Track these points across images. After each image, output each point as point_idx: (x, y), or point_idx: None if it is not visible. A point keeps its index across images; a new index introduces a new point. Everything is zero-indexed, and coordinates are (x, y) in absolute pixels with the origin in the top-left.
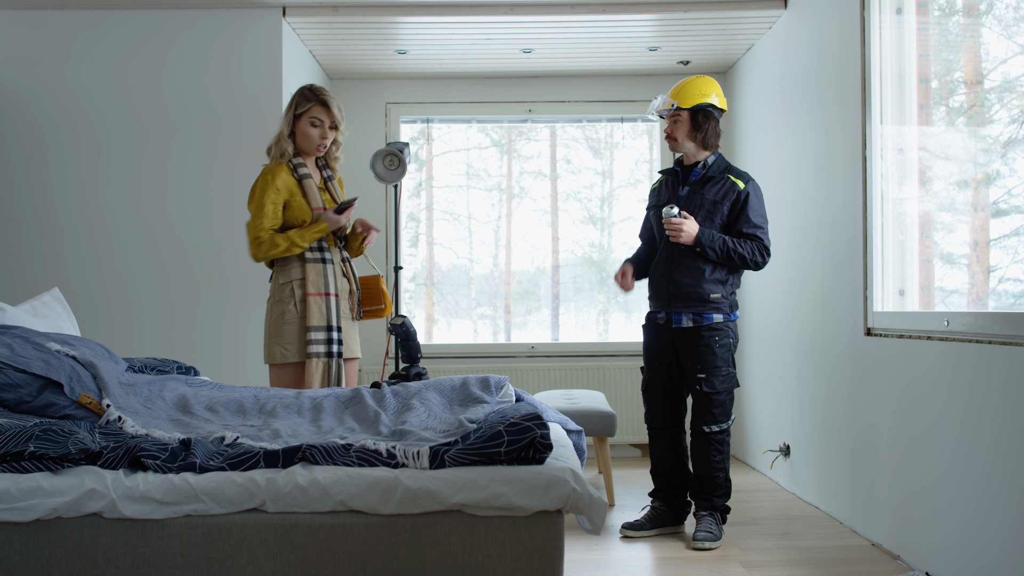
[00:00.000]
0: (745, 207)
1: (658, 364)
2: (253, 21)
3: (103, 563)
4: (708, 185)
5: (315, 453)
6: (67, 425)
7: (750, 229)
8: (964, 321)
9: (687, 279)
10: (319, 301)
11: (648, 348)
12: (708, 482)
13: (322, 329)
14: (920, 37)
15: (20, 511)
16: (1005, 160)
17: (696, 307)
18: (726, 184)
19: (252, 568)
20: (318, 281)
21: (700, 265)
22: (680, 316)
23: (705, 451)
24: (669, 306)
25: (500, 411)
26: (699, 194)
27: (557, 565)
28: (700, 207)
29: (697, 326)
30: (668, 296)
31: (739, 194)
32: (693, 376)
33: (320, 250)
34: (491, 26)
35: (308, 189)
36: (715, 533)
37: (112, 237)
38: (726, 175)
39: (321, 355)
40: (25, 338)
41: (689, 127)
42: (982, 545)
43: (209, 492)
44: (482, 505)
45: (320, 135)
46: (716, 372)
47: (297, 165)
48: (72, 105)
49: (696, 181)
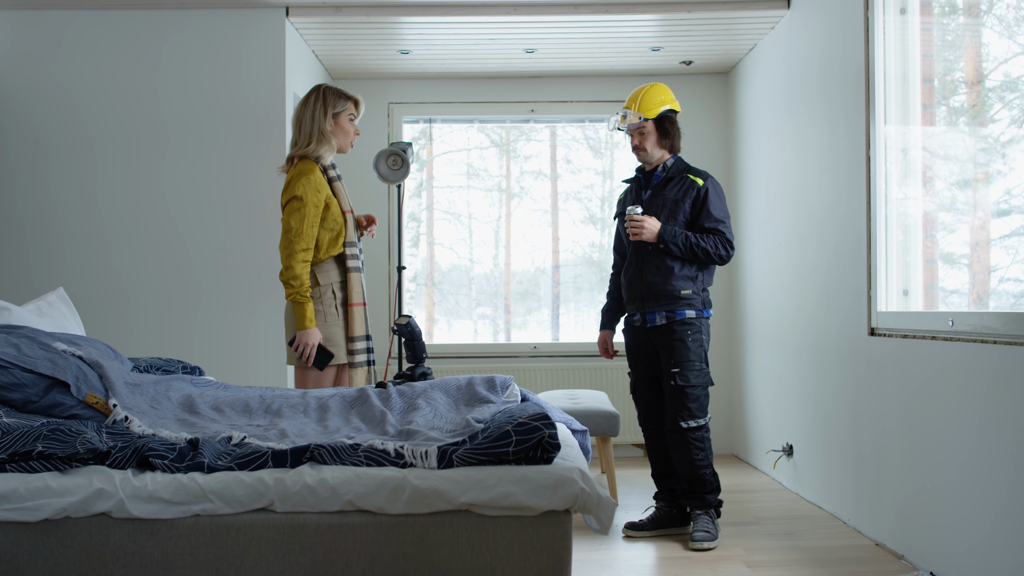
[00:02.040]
0: (705, 203)
1: (641, 364)
2: (256, 21)
3: (111, 563)
4: (669, 185)
5: (323, 453)
6: (75, 425)
7: (711, 224)
8: (969, 321)
9: (657, 278)
10: (361, 311)
11: (630, 350)
12: (696, 481)
13: (363, 339)
14: (924, 37)
15: (29, 511)
16: (1005, 160)
17: (668, 304)
18: (686, 183)
19: (261, 568)
20: (359, 291)
21: (668, 263)
22: (654, 315)
23: (686, 451)
24: (643, 307)
25: (507, 411)
26: (660, 195)
27: (565, 565)
28: (662, 207)
29: (670, 322)
30: (641, 297)
31: (699, 191)
32: (667, 372)
33: (357, 258)
34: (494, 26)
35: (338, 192)
36: (712, 532)
37: (115, 237)
38: (685, 175)
39: (364, 364)
40: (31, 338)
41: (657, 135)
42: (987, 545)
43: (217, 492)
44: (490, 505)
45: (355, 131)
46: (690, 366)
47: (326, 168)
48: (75, 105)
49: (658, 184)
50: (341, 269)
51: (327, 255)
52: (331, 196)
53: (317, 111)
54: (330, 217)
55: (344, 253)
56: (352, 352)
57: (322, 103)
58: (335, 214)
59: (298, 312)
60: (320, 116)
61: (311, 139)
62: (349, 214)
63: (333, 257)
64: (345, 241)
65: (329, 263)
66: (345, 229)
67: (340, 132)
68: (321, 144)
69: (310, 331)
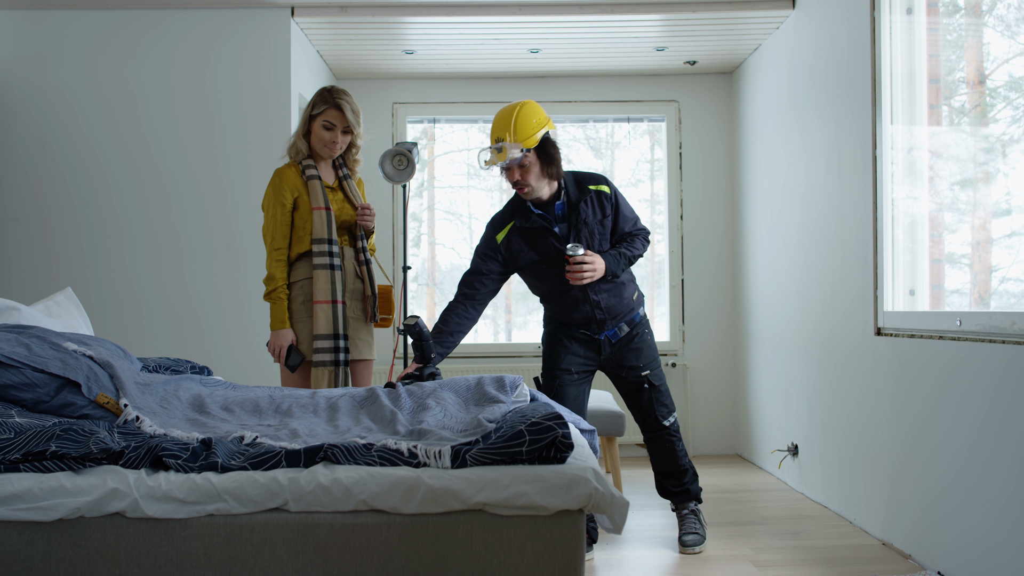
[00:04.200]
0: (618, 208)
1: (575, 368)
2: (261, 21)
3: (125, 562)
4: (581, 209)
5: (336, 452)
6: (87, 425)
7: (631, 227)
8: (977, 321)
9: (614, 301)
10: (326, 309)
11: (564, 355)
12: (679, 472)
13: (329, 337)
14: (931, 37)
15: (43, 510)
16: (1006, 160)
17: (627, 316)
18: (594, 197)
19: (274, 567)
20: (325, 288)
21: (617, 283)
22: (614, 330)
23: (669, 446)
24: (599, 327)
25: (519, 410)
26: (579, 222)
27: (579, 564)
28: (591, 235)
29: (631, 328)
30: (597, 320)
31: (610, 199)
32: (638, 376)
33: (329, 255)
34: (499, 26)
35: (312, 189)
36: (701, 533)
37: (121, 237)
38: (587, 188)
39: (327, 363)
40: (42, 338)
41: (540, 165)
42: (994, 544)
43: (231, 491)
44: (504, 504)
45: (331, 138)
46: (656, 364)
47: (306, 166)
48: (81, 105)
49: (567, 213)
50: (310, 270)
51: (295, 253)
52: (303, 194)
53: (306, 110)
54: (299, 216)
55: (311, 250)
56: (315, 350)
57: (311, 104)
58: (303, 212)
59: (271, 312)
60: (305, 115)
61: (293, 136)
62: (318, 211)
63: (302, 255)
64: (312, 239)
65: (299, 261)
66: (312, 227)
67: (313, 135)
68: (295, 143)
69: (279, 332)
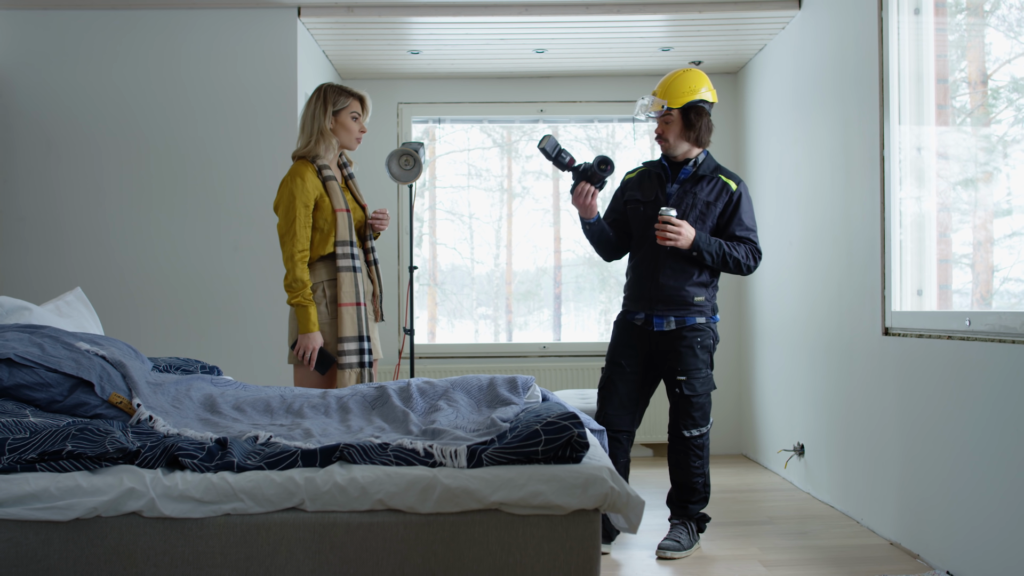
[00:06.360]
0: (738, 209)
1: (625, 362)
2: (268, 21)
3: (142, 562)
4: (700, 184)
5: (352, 452)
6: (102, 424)
7: (743, 232)
8: (987, 320)
9: (671, 281)
10: (351, 311)
11: (616, 345)
12: (685, 488)
13: (355, 339)
14: (938, 38)
15: (60, 510)
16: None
17: (679, 310)
18: (718, 184)
19: (291, 567)
20: (350, 291)
21: (687, 268)
22: (661, 320)
23: (684, 456)
24: (650, 308)
25: (533, 410)
26: (691, 193)
27: (594, 564)
28: (692, 207)
29: (680, 328)
30: (650, 299)
31: (732, 195)
32: (673, 379)
33: (352, 257)
34: (504, 26)
35: (332, 190)
36: (682, 543)
37: (128, 237)
38: (717, 175)
39: (354, 365)
40: (55, 338)
41: (681, 127)
42: (1004, 544)
43: (248, 491)
44: (520, 504)
45: (359, 128)
46: (696, 374)
47: (322, 166)
48: (87, 105)
49: (686, 179)
50: (332, 268)
51: (317, 255)
52: (323, 195)
53: (317, 110)
54: (320, 217)
55: (335, 252)
56: (341, 353)
57: (322, 101)
58: (325, 214)
59: (300, 316)
60: (320, 114)
61: (311, 138)
62: (341, 213)
63: (324, 256)
64: (336, 240)
65: (319, 263)
66: (336, 228)
67: (342, 129)
68: (320, 143)
69: (311, 335)
